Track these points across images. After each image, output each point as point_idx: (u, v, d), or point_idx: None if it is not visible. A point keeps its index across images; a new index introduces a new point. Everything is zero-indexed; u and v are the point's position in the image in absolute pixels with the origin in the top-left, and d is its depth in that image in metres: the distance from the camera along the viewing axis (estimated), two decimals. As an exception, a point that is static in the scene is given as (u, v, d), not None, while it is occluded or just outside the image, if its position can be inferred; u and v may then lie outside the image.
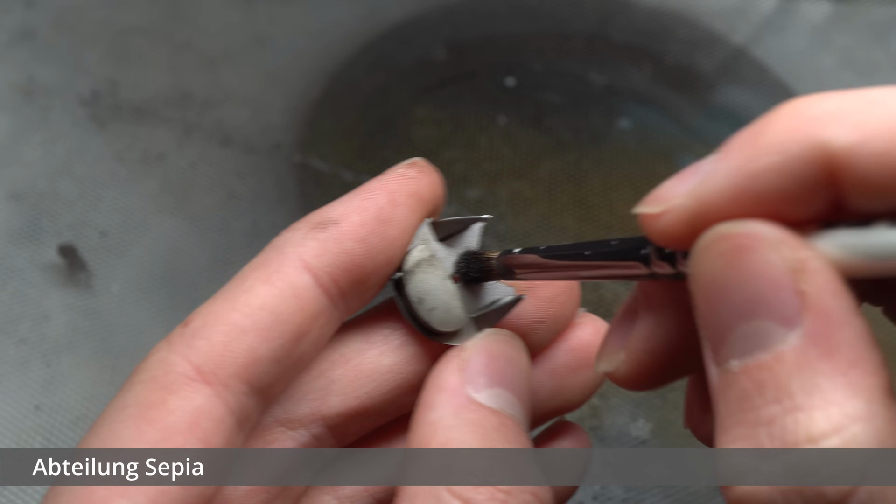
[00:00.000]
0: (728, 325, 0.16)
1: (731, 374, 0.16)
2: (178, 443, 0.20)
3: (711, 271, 0.16)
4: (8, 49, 0.62)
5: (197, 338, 0.21)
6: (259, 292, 0.21)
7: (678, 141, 0.60)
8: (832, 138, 0.15)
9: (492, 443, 0.21)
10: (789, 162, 0.16)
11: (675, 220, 0.17)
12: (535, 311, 0.25)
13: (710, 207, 0.17)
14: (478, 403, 0.22)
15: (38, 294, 0.50)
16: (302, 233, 0.23)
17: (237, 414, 0.21)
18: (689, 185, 0.17)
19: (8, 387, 0.46)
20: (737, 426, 0.15)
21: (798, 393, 0.15)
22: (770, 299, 0.15)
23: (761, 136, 0.16)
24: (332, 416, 0.24)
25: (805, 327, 0.15)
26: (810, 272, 0.15)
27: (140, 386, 0.21)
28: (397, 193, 0.23)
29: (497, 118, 0.60)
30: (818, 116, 0.16)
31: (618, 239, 0.20)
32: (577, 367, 0.26)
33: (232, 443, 0.21)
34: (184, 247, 0.53)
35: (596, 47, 0.66)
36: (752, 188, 0.16)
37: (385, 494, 0.25)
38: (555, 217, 0.55)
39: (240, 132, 0.58)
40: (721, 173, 0.17)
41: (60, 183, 0.55)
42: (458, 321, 0.24)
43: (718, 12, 0.68)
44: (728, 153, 0.17)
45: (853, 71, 0.65)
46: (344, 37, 0.64)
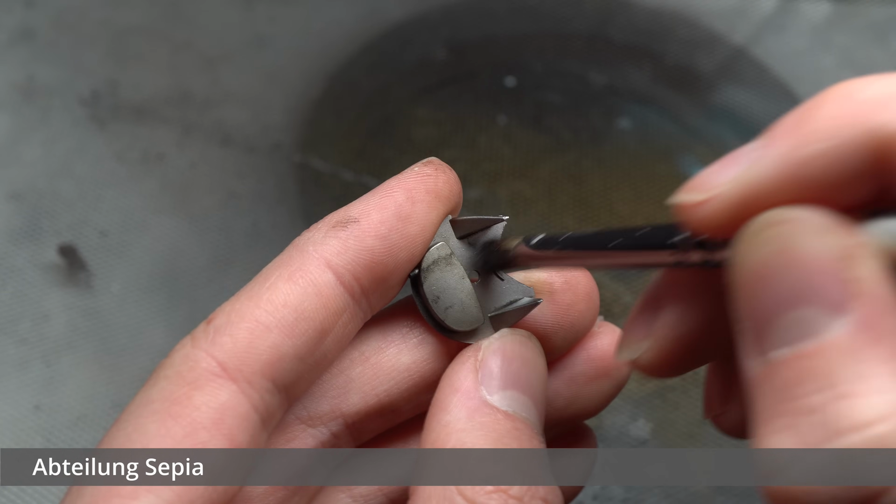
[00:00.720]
0: (772, 313, 0.15)
1: (773, 365, 0.15)
2: (204, 438, 0.20)
3: (758, 259, 0.16)
4: (8, 49, 0.62)
5: (221, 334, 0.21)
6: (282, 290, 0.22)
7: (678, 141, 0.60)
8: (884, 123, 0.15)
9: (504, 446, 0.21)
10: (840, 148, 0.16)
11: (719, 207, 0.17)
12: (552, 317, 0.25)
13: (757, 195, 0.17)
14: (491, 406, 0.22)
15: (38, 294, 0.50)
16: (323, 232, 0.23)
17: (261, 411, 0.21)
18: (733, 172, 0.17)
19: (8, 387, 0.46)
20: (777, 417, 0.15)
21: (843, 381, 0.14)
22: (818, 287, 0.15)
23: (810, 120, 0.16)
24: (352, 414, 0.24)
25: (853, 315, 0.15)
26: (858, 259, 0.15)
27: (165, 381, 0.21)
28: (415, 191, 0.23)
29: (497, 118, 0.60)
30: (868, 101, 0.16)
31: (644, 226, 0.20)
32: (594, 377, 0.26)
33: (257, 440, 0.21)
34: (184, 247, 0.53)
35: (596, 47, 0.66)
36: (802, 175, 0.16)
37: (399, 494, 0.25)
38: (555, 217, 0.54)
39: (240, 132, 0.58)
40: (768, 160, 0.16)
41: (60, 183, 0.55)
42: (474, 320, 0.24)
43: (718, 12, 0.68)
44: (775, 139, 0.17)
45: (853, 71, 0.65)
46: (344, 37, 0.64)
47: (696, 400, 0.47)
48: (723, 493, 0.44)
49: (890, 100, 0.15)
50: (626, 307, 0.50)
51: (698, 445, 0.45)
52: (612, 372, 0.26)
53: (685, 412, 0.46)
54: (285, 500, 0.23)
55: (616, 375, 0.26)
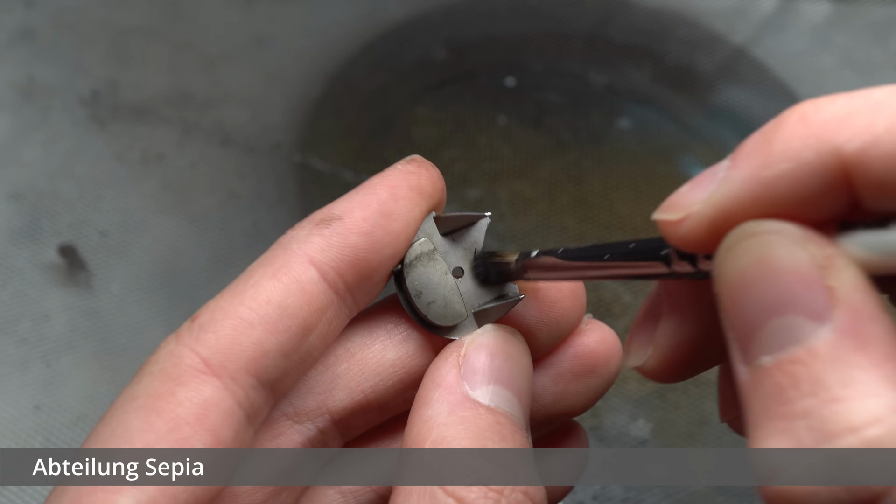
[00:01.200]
0: (757, 321, 0.16)
1: (763, 370, 0.16)
2: (187, 433, 0.20)
3: (738, 269, 0.16)
4: (8, 49, 0.62)
5: (205, 331, 0.21)
6: (265, 287, 0.22)
7: (678, 141, 0.60)
8: (843, 142, 0.16)
9: (486, 442, 0.21)
10: (802, 168, 0.16)
11: (694, 225, 0.18)
12: (536, 314, 0.25)
13: (729, 213, 0.17)
14: (473, 401, 0.22)
15: (38, 294, 0.50)
16: (306, 230, 0.23)
17: (246, 407, 0.21)
18: (704, 191, 0.18)
19: (8, 387, 0.46)
20: (772, 421, 0.15)
21: (835, 385, 0.15)
22: (799, 294, 0.15)
23: (772, 142, 0.17)
24: (338, 411, 0.24)
25: (836, 322, 0.15)
26: (837, 268, 0.16)
27: (150, 378, 0.21)
28: (398, 188, 0.23)
29: (497, 118, 0.60)
30: (827, 120, 0.16)
31: (635, 241, 0.20)
32: (581, 373, 0.26)
33: (241, 436, 0.21)
34: (184, 247, 0.53)
35: (596, 47, 0.66)
36: (768, 195, 0.16)
37: (388, 490, 0.25)
38: (555, 217, 0.55)
39: (240, 132, 0.58)
40: (735, 181, 0.17)
41: (60, 183, 0.55)
42: (457, 316, 0.24)
43: (718, 12, 0.68)
44: (740, 160, 0.17)
45: (853, 71, 0.65)
46: (344, 37, 0.64)
47: (696, 400, 0.47)
48: (723, 493, 0.44)
49: (848, 119, 0.16)
50: (626, 307, 0.50)
51: (698, 445, 0.45)
52: (600, 369, 0.26)
53: (685, 412, 0.46)
54: (273, 496, 0.23)
55: (604, 372, 0.26)
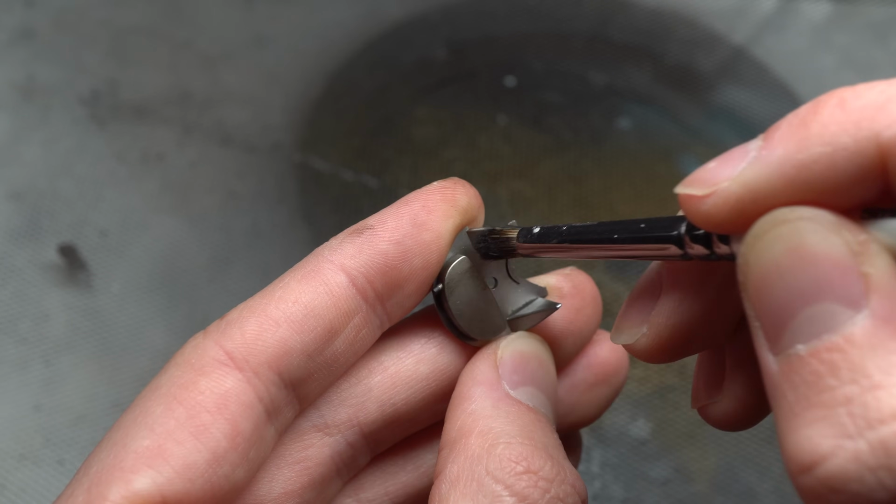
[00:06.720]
0: (790, 310, 0.16)
1: (798, 359, 0.15)
2: (206, 420, 0.20)
3: (770, 256, 0.16)
4: (8, 49, 0.62)
5: (231, 327, 0.22)
6: (293, 288, 0.23)
7: (678, 141, 0.60)
8: (882, 129, 0.16)
9: (532, 435, 0.21)
10: (839, 153, 0.16)
11: (720, 202, 0.17)
12: (562, 322, 0.26)
13: (759, 194, 0.17)
14: (515, 399, 0.22)
15: (38, 294, 0.50)
16: (340, 239, 0.24)
17: (266, 403, 0.22)
18: (734, 169, 0.17)
19: (8, 387, 0.46)
20: (811, 409, 0.15)
21: (875, 372, 0.15)
22: (834, 281, 0.15)
23: (809, 125, 0.16)
24: (369, 423, 0.24)
25: (872, 308, 0.15)
26: (871, 254, 0.15)
27: (174, 368, 0.22)
28: (432, 201, 0.24)
29: (497, 118, 0.60)
30: (866, 106, 0.16)
31: (645, 220, 0.20)
32: (594, 384, 0.27)
33: (261, 431, 0.22)
34: (184, 247, 0.53)
35: (596, 47, 0.66)
36: (802, 178, 0.16)
37: (405, 499, 0.26)
38: (555, 217, 0.55)
39: (240, 132, 0.58)
40: (769, 161, 0.17)
41: (60, 183, 0.55)
42: (498, 329, 0.25)
43: (718, 12, 0.68)
44: (775, 141, 0.17)
45: (853, 71, 0.65)
46: (344, 37, 0.64)
47: (696, 400, 0.47)
48: (723, 493, 0.44)
49: (884, 106, 0.16)
50: (626, 307, 0.50)
51: (698, 445, 0.45)
52: (612, 378, 0.27)
53: (685, 412, 0.46)
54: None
55: (615, 382, 0.27)
